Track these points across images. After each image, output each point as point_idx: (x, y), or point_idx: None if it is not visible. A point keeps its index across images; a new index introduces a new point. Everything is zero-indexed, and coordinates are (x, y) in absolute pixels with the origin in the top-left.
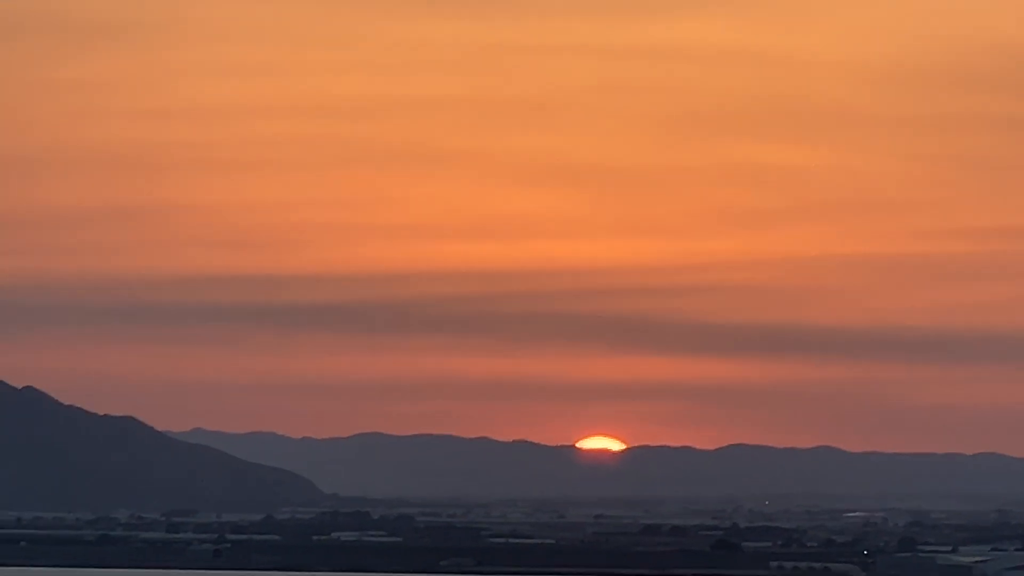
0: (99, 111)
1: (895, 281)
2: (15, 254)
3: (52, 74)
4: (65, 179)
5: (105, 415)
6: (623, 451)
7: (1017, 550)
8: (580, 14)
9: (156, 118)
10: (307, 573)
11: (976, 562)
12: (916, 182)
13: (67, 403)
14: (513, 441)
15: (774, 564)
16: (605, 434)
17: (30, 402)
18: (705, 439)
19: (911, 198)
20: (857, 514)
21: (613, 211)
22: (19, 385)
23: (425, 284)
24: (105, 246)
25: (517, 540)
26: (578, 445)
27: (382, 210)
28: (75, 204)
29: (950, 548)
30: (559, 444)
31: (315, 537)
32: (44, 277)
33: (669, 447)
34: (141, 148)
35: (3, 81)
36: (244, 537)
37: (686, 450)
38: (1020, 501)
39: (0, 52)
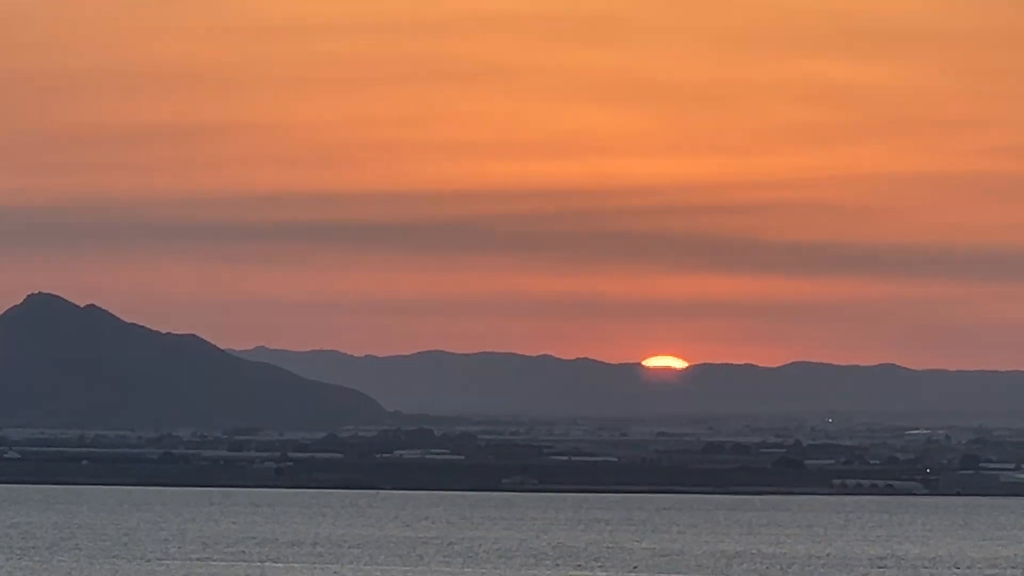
0: (163, 28)
1: (959, 199)
2: (77, 171)
3: None
4: (128, 96)
5: (167, 333)
6: (686, 369)
7: None
8: None
9: (221, 35)
10: (370, 491)
11: None
12: (982, 99)
13: (129, 321)
14: (576, 359)
15: (837, 482)
16: (668, 352)
17: (93, 320)
18: (768, 356)
19: (976, 115)
20: (920, 432)
21: (677, 128)
22: (82, 303)
23: (488, 202)
24: (166, 164)
25: (579, 458)
26: (641, 363)
27: (445, 127)
28: (138, 121)
29: (1013, 466)
30: (622, 362)
31: (377, 455)
32: (106, 195)
33: (732, 365)
34: (204, 65)
35: None
36: (306, 455)
37: (749, 368)
38: None
39: None
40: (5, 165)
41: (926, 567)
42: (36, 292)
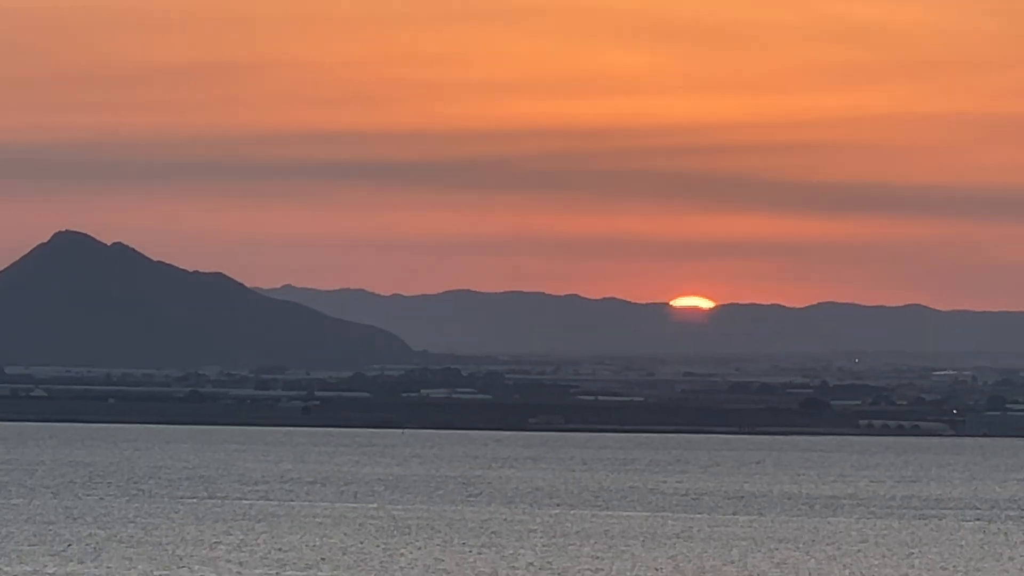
0: None
1: (987, 139)
2: (105, 110)
3: None
4: (156, 35)
5: (195, 272)
6: (713, 309)
7: None
8: None
9: None
10: (396, 430)
11: None
12: (1010, 39)
13: (156, 259)
14: (603, 298)
15: (863, 422)
16: (695, 292)
17: (120, 259)
18: (795, 297)
19: (1004, 55)
20: (946, 372)
21: (705, 68)
22: (109, 241)
23: (516, 141)
24: (195, 102)
25: (606, 397)
26: (668, 303)
27: (473, 67)
28: (166, 60)
29: None
30: (649, 302)
31: (404, 394)
32: (134, 134)
33: (759, 305)
34: (235, 3)
35: None
36: (333, 394)
37: (776, 308)
38: None
39: None
40: (34, 103)
41: (951, 508)
42: (63, 230)
